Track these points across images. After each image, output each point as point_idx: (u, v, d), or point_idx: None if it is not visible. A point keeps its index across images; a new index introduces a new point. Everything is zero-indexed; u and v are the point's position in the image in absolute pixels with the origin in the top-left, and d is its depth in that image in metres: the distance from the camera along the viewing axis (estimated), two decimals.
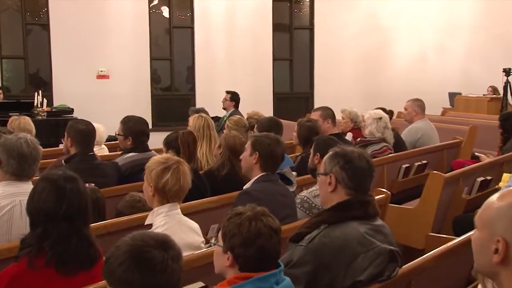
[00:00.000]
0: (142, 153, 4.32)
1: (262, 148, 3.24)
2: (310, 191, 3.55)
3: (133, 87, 10.58)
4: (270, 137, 3.31)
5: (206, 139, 4.82)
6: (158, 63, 11.21)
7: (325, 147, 3.36)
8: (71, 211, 2.14)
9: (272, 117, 5.27)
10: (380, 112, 5.52)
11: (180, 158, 2.80)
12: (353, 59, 11.82)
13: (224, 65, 11.11)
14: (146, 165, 2.75)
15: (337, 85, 11.64)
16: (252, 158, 3.27)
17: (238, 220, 1.90)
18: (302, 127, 4.76)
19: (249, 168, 3.32)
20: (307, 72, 11.91)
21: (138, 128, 4.37)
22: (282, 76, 11.87)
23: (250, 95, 10.67)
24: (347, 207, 2.37)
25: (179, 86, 11.39)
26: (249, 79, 11.13)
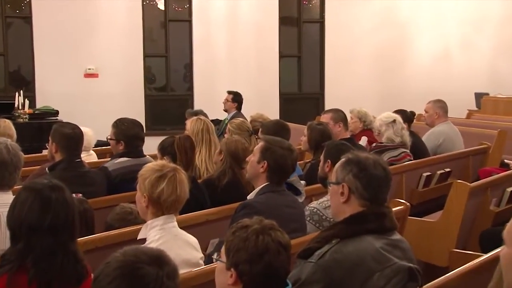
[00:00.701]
0: (135, 159, 4.35)
1: (273, 159, 3.24)
2: (320, 202, 3.56)
3: (125, 87, 10.62)
4: (284, 146, 3.30)
5: (205, 144, 4.83)
6: (153, 60, 11.24)
7: (336, 153, 3.37)
8: (56, 224, 2.15)
9: (279, 120, 5.29)
10: (391, 114, 5.53)
11: (176, 165, 2.82)
12: (368, 56, 11.83)
13: (226, 62, 11.15)
14: (139, 173, 2.76)
15: (350, 85, 11.65)
16: (259, 166, 3.28)
17: (244, 233, 1.90)
18: (313, 131, 4.78)
19: (254, 175, 3.33)
20: (317, 70, 11.93)
21: (132, 131, 4.40)
22: (290, 75, 11.89)
23: (254, 95, 10.68)
24: (361, 220, 2.37)
25: (175, 86, 11.43)
26: (253, 78, 11.16)
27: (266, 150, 3.28)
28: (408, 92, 11.78)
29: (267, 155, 3.26)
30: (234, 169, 4.07)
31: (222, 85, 10.08)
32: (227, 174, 4.06)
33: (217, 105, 8.70)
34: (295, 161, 3.33)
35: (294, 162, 3.31)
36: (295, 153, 3.34)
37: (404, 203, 3.76)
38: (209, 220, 3.65)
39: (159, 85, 11.42)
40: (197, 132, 4.85)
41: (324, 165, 3.70)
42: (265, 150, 3.28)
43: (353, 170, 2.44)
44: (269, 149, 3.27)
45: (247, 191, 3.75)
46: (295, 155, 3.32)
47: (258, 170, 3.28)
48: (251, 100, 9.78)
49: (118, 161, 4.36)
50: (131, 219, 3.30)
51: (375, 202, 2.41)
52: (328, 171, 3.58)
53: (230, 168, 4.08)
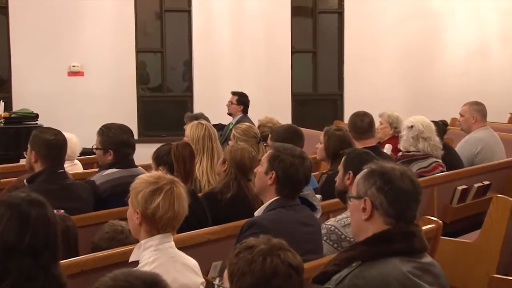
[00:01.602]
0: (126, 170, 4.38)
1: (282, 169, 3.26)
2: (338, 219, 3.56)
3: (114, 87, 10.64)
4: (294, 153, 3.32)
5: (206, 152, 4.86)
6: (146, 56, 11.28)
7: (358, 163, 3.37)
8: (36, 244, 2.17)
9: (291, 125, 5.30)
10: (413, 119, 5.53)
11: (174, 177, 2.83)
12: (395, 51, 11.82)
13: (230, 59, 11.17)
14: (131, 185, 2.78)
15: (374, 85, 11.63)
16: (267, 177, 3.29)
17: (249, 255, 1.91)
18: (331, 138, 4.79)
19: (262, 188, 3.34)
20: (334, 67, 11.93)
21: (120, 138, 4.43)
22: (303, 73, 11.90)
23: (263, 97, 10.70)
24: (386, 240, 2.38)
25: (172, 86, 11.46)
26: (261, 77, 11.17)
27: (274, 159, 3.29)
28: (440, 93, 11.77)
29: (276, 165, 3.27)
30: (240, 181, 4.09)
31: (226, 84, 10.11)
32: (231, 187, 4.08)
33: (220, 108, 8.72)
34: (308, 171, 3.34)
35: (307, 172, 3.32)
36: (309, 161, 3.35)
37: (436, 220, 3.76)
38: (211, 240, 3.65)
39: (154, 84, 11.45)
40: (198, 138, 4.88)
41: (343, 177, 3.71)
42: (273, 159, 3.30)
43: (377, 182, 2.44)
44: (278, 158, 3.29)
45: (254, 206, 3.76)
46: (308, 163, 3.33)
47: (266, 182, 3.29)
48: (259, 102, 9.79)
49: (106, 172, 4.39)
50: (121, 238, 3.32)
51: (402, 220, 2.42)
52: (348, 184, 3.59)
53: (235, 180, 4.10)
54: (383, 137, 6.32)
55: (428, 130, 5.49)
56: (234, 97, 8.43)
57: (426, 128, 5.49)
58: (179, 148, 3.90)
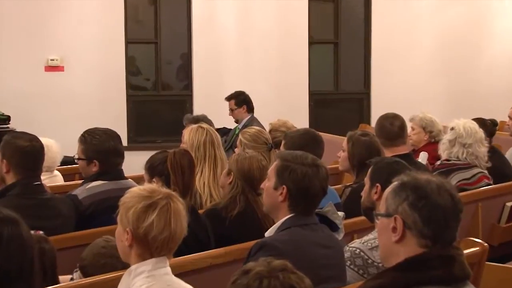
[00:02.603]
0: (113, 182, 4.39)
1: (294, 181, 3.26)
2: (365, 241, 3.56)
3: (100, 85, 10.65)
4: (306, 161, 3.32)
5: (208, 161, 4.87)
6: (138, 48, 11.32)
7: (387, 174, 3.38)
8: (9, 269, 2.17)
9: (308, 130, 5.31)
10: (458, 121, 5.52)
11: (170, 191, 2.84)
12: (431, 41, 11.79)
13: (236, 51, 11.16)
14: (121, 200, 2.79)
15: (407, 82, 11.60)
16: (277, 193, 3.30)
17: (245, 280, 1.92)
18: (355, 145, 4.80)
19: (273, 206, 3.35)
20: (360, 61, 11.92)
21: (106, 145, 4.44)
22: (323, 68, 11.90)
23: (275, 96, 10.71)
24: (421, 266, 2.37)
25: (168, 83, 11.49)
26: (273, 73, 11.17)
27: (283, 171, 3.30)
28: (485, 91, 11.72)
29: (286, 177, 3.28)
30: (248, 196, 4.09)
31: (231, 82, 10.13)
32: (238, 202, 4.09)
33: (224, 109, 8.73)
34: (324, 181, 3.35)
35: (323, 182, 3.33)
36: (324, 170, 3.36)
37: (481, 243, 3.75)
38: (214, 265, 3.66)
39: (147, 82, 11.48)
40: (198, 145, 4.89)
41: (370, 191, 3.71)
42: (281, 170, 3.30)
43: (410, 197, 2.45)
44: (287, 169, 3.29)
45: (265, 225, 3.77)
46: (323, 172, 3.34)
47: (277, 198, 3.30)
48: (270, 102, 9.82)
49: (90, 185, 4.40)
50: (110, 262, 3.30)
51: (439, 242, 2.41)
52: (376, 199, 3.58)
53: (242, 195, 4.10)
54: (417, 144, 6.32)
55: (470, 136, 5.45)
56: (231, 102, 8.53)
57: (468, 133, 5.46)
58: (176, 157, 3.91)
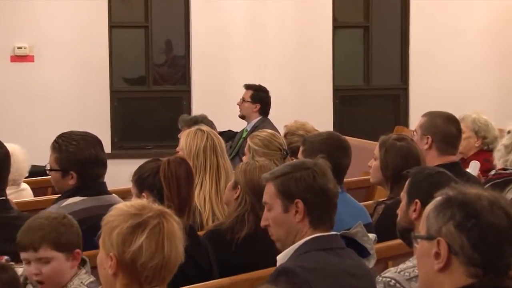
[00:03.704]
0: (94, 198, 4.41)
1: (307, 188, 3.29)
2: (401, 270, 3.55)
3: (78, 78, 10.65)
4: (306, 165, 3.37)
5: (210, 172, 4.89)
6: (124, 33, 11.34)
7: (428, 188, 3.38)
8: None
9: (332, 133, 5.29)
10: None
11: (163, 207, 2.85)
12: (484, 26, 11.75)
13: (244, 37, 11.14)
14: (104, 219, 2.79)
15: (453, 75, 11.55)
16: (290, 215, 3.31)
17: None
18: (390, 152, 4.81)
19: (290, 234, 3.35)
20: (396, 50, 11.90)
21: (85, 153, 4.44)
22: (351, 58, 11.90)
23: (291, 92, 10.69)
24: None
25: (161, 76, 11.49)
26: (289, 63, 11.16)
27: (288, 184, 3.33)
28: None
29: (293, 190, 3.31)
30: (258, 214, 4.08)
31: (237, 74, 10.13)
32: (246, 222, 4.10)
33: (228, 108, 8.74)
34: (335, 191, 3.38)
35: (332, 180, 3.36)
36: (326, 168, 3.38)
37: None
38: None
39: (135, 74, 11.50)
40: (197, 152, 4.91)
41: (408, 208, 3.70)
42: (285, 185, 3.34)
43: (456, 216, 2.45)
44: (290, 180, 3.32)
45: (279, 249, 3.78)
46: (326, 168, 3.36)
47: (292, 222, 3.32)
48: (286, 99, 9.81)
49: (67, 203, 4.40)
50: None
51: (492, 270, 2.41)
52: (415, 218, 3.58)
53: (252, 213, 4.12)
54: (466, 152, 6.28)
55: None
56: (248, 92, 8.44)
57: None
58: (171, 166, 3.92)
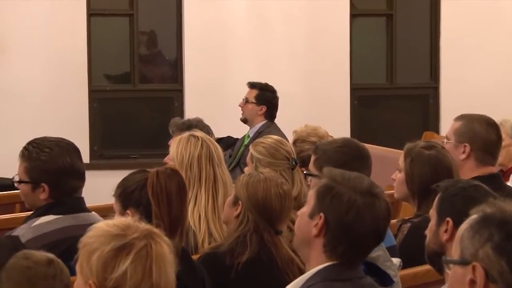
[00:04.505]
0: (70, 216, 4.40)
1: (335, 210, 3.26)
2: None
3: (51, 76, 10.67)
4: (360, 187, 3.30)
5: (206, 185, 4.90)
6: (105, 23, 11.38)
7: (462, 204, 3.40)
8: None
9: (348, 140, 5.28)
10: None
11: (151, 227, 2.86)
12: None
13: (247, 27, 11.15)
14: (81, 241, 2.80)
15: (491, 72, 11.55)
16: (312, 223, 3.28)
17: None
18: (417, 162, 4.82)
19: (303, 241, 3.34)
20: (425, 43, 11.92)
21: (60, 162, 4.44)
22: (372, 52, 11.92)
23: (302, 91, 10.70)
24: None
25: (149, 73, 11.51)
26: (299, 58, 11.17)
27: (325, 193, 3.31)
28: None
29: (325, 203, 3.30)
30: (263, 235, 4.11)
31: (239, 70, 10.16)
32: (248, 244, 4.10)
33: (229, 110, 8.75)
34: (382, 220, 3.34)
35: (379, 222, 3.32)
36: (383, 204, 3.33)
37: None
38: None
39: (118, 70, 11.54)
40: (191, 161, 4.91)
41: (438, 228, 3.71)
42: (322, 192, 3.31)
43: (495, 237, 2.46)
44: (330, 191, 3.30)
45: (287, 277, 3.78)
46: (382, 207, 3.32)
47: (310, 231, 3.30)
48: (295, 100, 9.83)
49: (38, 222, 4.39)
50: None
51: None
52: (447, 240, 3.59)
53: (255, 233, 4.12)
54: (507, 163, 6.30)
55: None
56: (252, 91, 8.44)
57: None
58: (160, 178, 3.91)
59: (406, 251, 4.46)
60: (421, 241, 3.86)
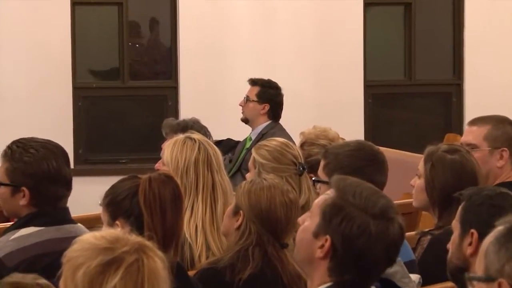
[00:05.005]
0: (54, 228, 4.40)
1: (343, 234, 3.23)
2: None
3: (31, 71, 10.68)
4: (372, 209, 3.27)
5: (204, 193, 4.90)
6: (91, 12, 11.40)
7: (487, 215, 3.41)
8: None
9: (362, 143, 5.29)
10: None
11: (143, 240, 2.86)
12: None
13: (249, 19, 11.17)
14: (65, 255, 2.80)
15: None
16: (317, 243, 3.27)
17: None
18: (438, 167, 4.83)
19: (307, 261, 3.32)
20: (447, 34, 11.92)
21: (44, 165, 4.44)
22: (387, 45, 11.92)
23: (311, 89, 10.71)
24: None
25: (140, 68, 11.53)
26: (308, 51, 11.18)
27: (333, 213, 3.28)
28: None
29: (333, 224, 3.28)
30: (266, 249, 4.12)
31: (239, 67, 10.17)
32: (250, 258, 4.11)
33: (228, 109, 8.75)
34: (394, 246, 3.33)
35: (391, 248, 3.31)
36: (397, 227, 3.30)
37: None
38: None
39: (105, 65, 11.57)
40: (187, 167, 4.92)
41: (461, 241, 3.72)
42: (330, 212, 3.29)
43: None
44: (339, 212, 3.28)
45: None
46: (395, 231, 3.29)
47: (314, 251, 3.29)
48: (303, 98, 9.83)
49: (18, 235, 4.40)
50: None
51: None
52: (471, 254, 3.59)
53: (258, 246, 4.13)
54: None
55: None
56: (254, 88, 8.44)
57: None
58: (153, 186, 3.92)
59: (426, 266, 4.46)
60: (443, 256, 3.86)
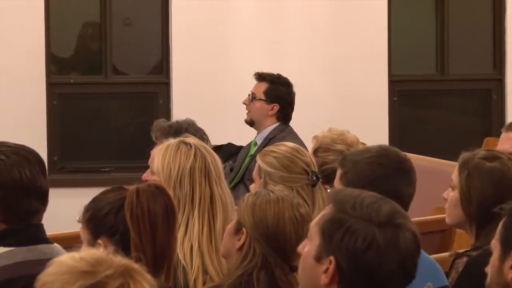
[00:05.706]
0: (26, 248, 4.41)
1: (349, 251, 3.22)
2: None
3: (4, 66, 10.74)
4: (376, 215, 3.30)
5: (200, 207, 4.91)
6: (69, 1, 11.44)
7: None
8: None
9: (386, 149, 5.29)
10: None
11: (130, 262, 2.86)
12: None
13: (254, 5, 11.21)
14: (39, 279, 2.80)
15: None
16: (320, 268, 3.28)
17: None
18: (475, 177, 4.83)
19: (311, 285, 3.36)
20: (485, 24, 11.96)
21: (15, 174, 4.45)
22: (416, 35, 11.95)
23: (326, 86, 10.76)
24: None
25: (126, 63, 11.57)
26: (322, 45, 11.23)
27: (333, 229, 3.28)
28: None
29: (335, 242, 3.27)
30: (274, 272, 4.13)
31: (241, 60, 10.22)
32: (255, 284, 4.12)
33: (229, 110, 8.78)
34: (409, 256, 3.32)
35: (407, 260, 3.32)
36: (409, 234, 3.31)
37: None
38: None
39: (85, 59, 11.60)
40: (181, 177, 4.93)
41: (503, 263, 3.72)
42: (329, 228, 3.30)
43: None
44: (340, 227, 3.28)
45: None
46: (407, 239, 3.30)
47: (319, 279, 3.30)
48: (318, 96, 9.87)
49: None
50: None
51: None
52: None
53: (264, 269, 4.14)
54: None
55: None
56: (261, 85, 8.46)
57: None
58: (141, 199, 3.92)
59: None
60: (481, 281, 3.86)
